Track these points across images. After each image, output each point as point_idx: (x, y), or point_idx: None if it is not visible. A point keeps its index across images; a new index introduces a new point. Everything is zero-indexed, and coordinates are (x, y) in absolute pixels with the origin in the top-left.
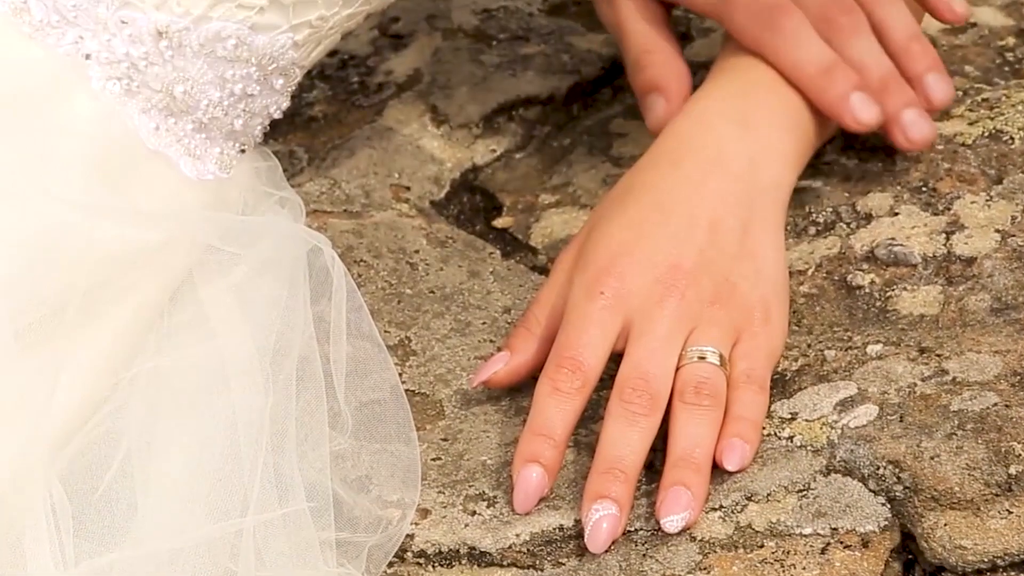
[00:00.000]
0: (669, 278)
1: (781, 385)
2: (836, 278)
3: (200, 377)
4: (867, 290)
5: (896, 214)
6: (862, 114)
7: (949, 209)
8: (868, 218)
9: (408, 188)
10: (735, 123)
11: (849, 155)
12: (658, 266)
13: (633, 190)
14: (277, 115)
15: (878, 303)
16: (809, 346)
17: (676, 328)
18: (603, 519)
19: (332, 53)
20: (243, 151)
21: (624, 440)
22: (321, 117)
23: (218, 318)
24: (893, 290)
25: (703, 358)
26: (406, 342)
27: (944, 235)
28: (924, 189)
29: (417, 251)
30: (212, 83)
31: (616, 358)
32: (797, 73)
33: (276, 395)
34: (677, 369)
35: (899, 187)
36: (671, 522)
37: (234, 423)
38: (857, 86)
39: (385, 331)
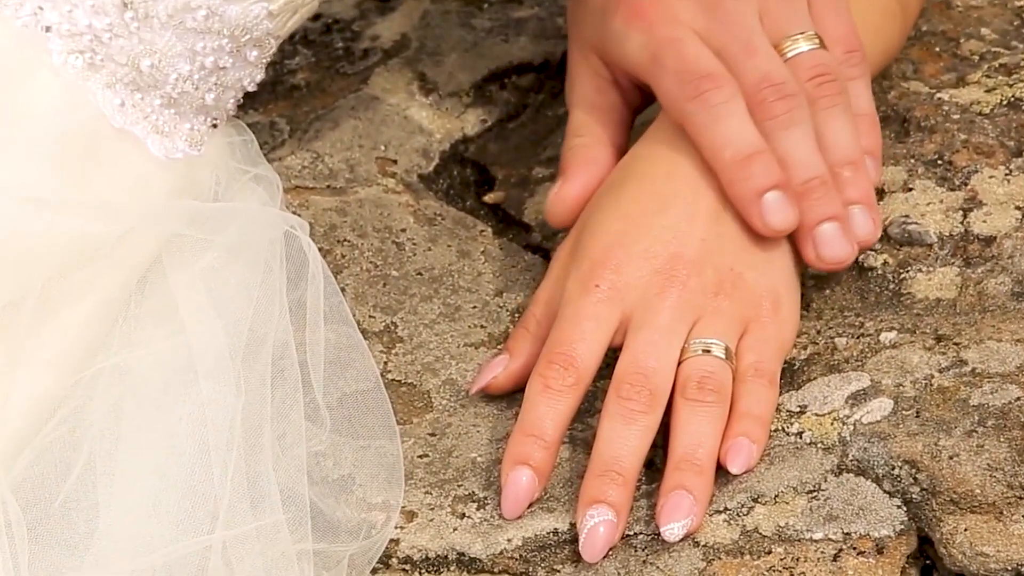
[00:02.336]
0: (669, 269)
1: (789, 375)
2: None
3: (167, 374)
4: (880, 271)
5: (910, 189)
6: (772, 218)
7: (966, 184)
8: (880, 193)
9: (395, 161)
10: None
11: None
12: (657, 257)
13: (629, 179)
14: (251, 88)
15: (891, 286)
16: (819, 332)
17: (678, 320)
18: (599, 525)
19: (315, 17)
20: (215, 126)
21: (621, 440)
22: (303, 85)
23: (187, 308)
24: (907, 272)
25: (708, 351)
26: (392, 328)
27: (961, 212)
28: (939, 162)
29: (404, 230)
30: (181, 56)
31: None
32: (712, 156)
33: (249, 393)
34: (679, 363)
35: (912, 160)
36: (671, 530)
37: (204, 425)
38: (777, 184)
39: (370, 316)
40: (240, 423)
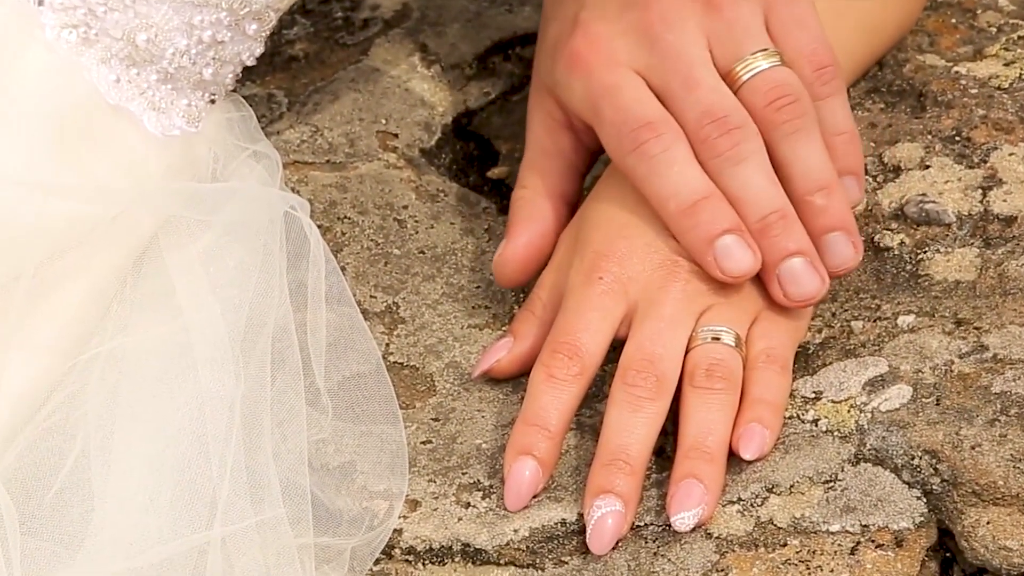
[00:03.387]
0: (672, 263)
1: (803, 359)
2: (863, 238)
3: (164, 360)
4: (896, 252)
5: (927, 167)
6: (727, 263)
7: (985, 161)
8: (896, 171)
9: (396, 135)
10: None
11: (874, 99)
12: (660, 251)
13: None
14: (250, 62)
15: (908, 267)
16: (834, 315)
17: (683, 311)
18: (607, 516)
19: None
20: (213, 101)
21: (628, 428)
22: (302, 56)
23: (184, 291)
24: (925, 252)
25: (717, 339)
26: (394, 308)
27: (980, 191)
28: (957, 139)
29: (406, 206)
30: (178, 30)
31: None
32: (659, 208)
33: (248, 381)
34: (687, 352)
35: (930, 136)
36: (682, 520)
37: (202, 414)
38: (729, 228)
39: (371, 296)
40: (239, 412)
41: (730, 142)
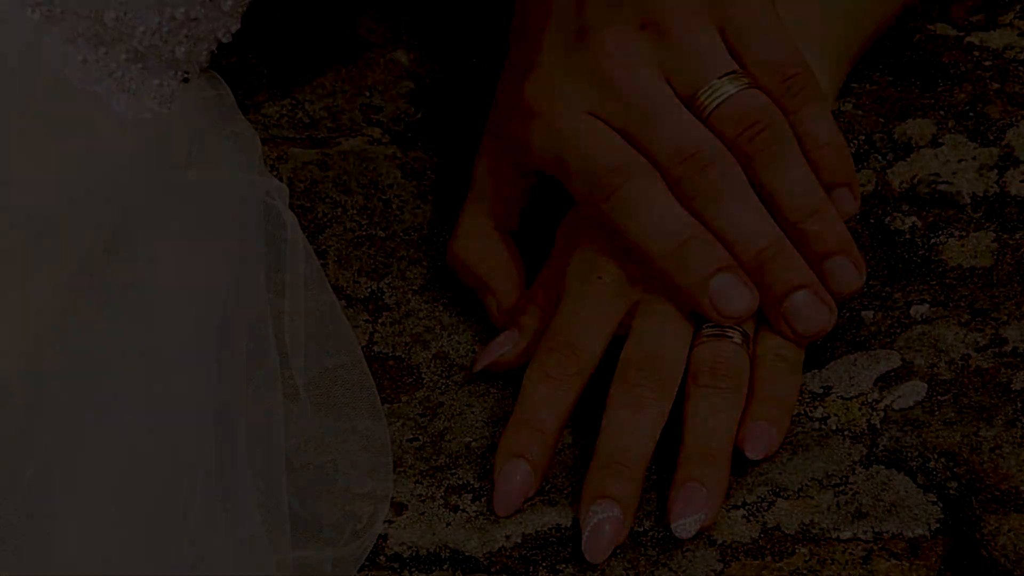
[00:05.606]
0: None
1: (811, 352)
2: (872, 221)
3: (131, 362)
4: (908, 236)
5: (939, 144)
6: (724, 304)
7: (1001, 139)
8: (907, 148)
9: (380, 108)
10: None
11: (882, 71)
12: None
13: None
14: (226, 39)
15: (921, 251)
16: (842, 304)
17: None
18: (604, 523)
19: None
20: (187, 80)
21: (628, 429)
22: (281, 25)
23: (154, 286)
24: (938, 236)
25: (723, 336)
26: (378, 294)
27: (996, 171)
28: (971, 114)
29: (391, 185)
30: (149, 7)
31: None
32: (645, 255)
33: (223, 384)
34: (692, 349)
35: (942, 111)
36: (683, 526)
37: (173, 421)
38: (722, 266)
39: (354, 281)
40: (213, 418)
41: (707, 179)
